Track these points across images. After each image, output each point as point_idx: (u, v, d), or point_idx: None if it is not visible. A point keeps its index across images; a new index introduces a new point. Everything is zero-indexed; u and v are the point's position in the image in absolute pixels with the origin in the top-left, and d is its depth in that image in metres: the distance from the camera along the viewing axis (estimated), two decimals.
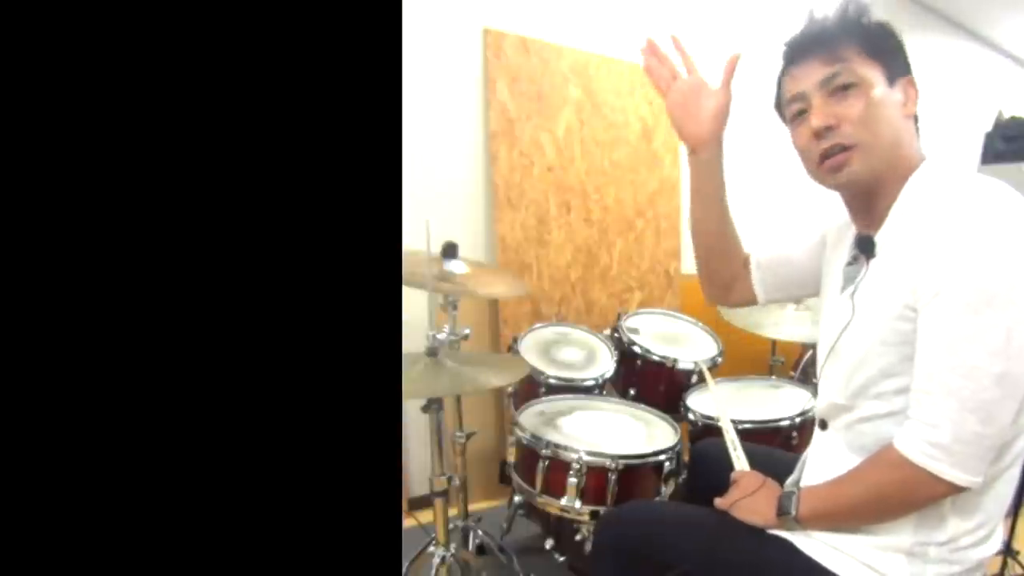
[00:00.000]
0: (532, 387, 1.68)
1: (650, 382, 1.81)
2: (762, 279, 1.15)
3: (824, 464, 0.94)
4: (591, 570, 1.15)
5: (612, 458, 1.27)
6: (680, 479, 1.38)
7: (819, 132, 0.86)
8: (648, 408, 1.57)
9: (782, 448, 1.42)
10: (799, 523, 0.91)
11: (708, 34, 2.84)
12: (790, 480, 1.03)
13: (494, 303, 2.27)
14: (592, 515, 1.29)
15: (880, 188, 0.87)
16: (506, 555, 1.67)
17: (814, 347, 1.11)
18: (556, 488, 1.31)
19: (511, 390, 1.78)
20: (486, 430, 2.22)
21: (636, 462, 1.30)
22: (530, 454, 1.35)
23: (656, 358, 1.80)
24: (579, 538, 1.33)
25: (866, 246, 0.89)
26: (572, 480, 1.28)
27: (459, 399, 1.70)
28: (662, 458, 1.33)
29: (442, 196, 2.15)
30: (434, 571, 1.36)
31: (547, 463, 1.31)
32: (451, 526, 1.53)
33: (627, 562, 0.99)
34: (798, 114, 0.91)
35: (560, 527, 1.43)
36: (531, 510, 1.52)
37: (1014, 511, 1.53)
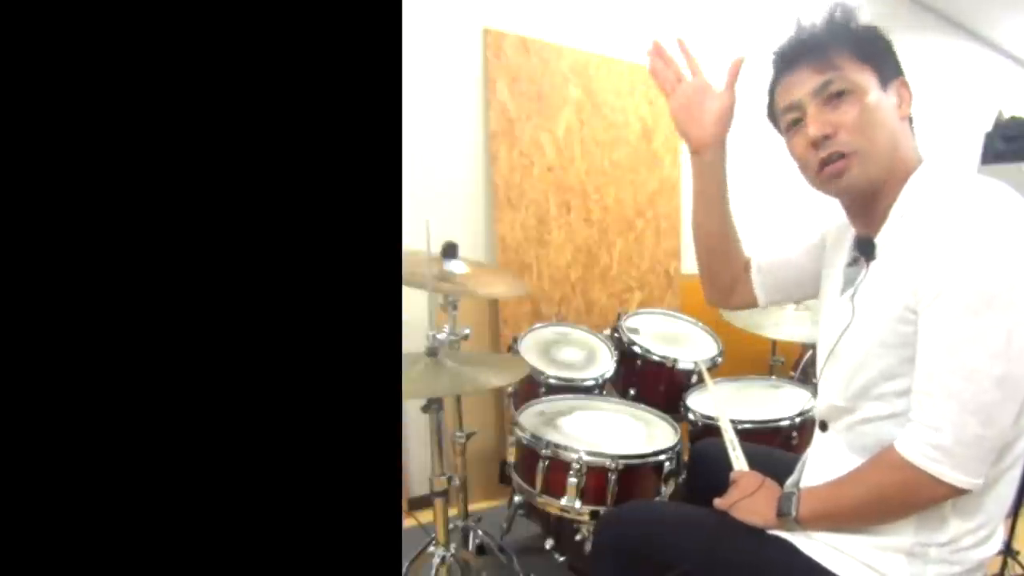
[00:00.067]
0: (532, 387, 1.68)
1: (650, 382, 1.81)
2: (763, 282, 1.15)
3: (824, 465, 0.94)
4: (591, 570, 1.15)
5: (612, 458, 1.27)
6: (680, 479, 1.38)
7: (816, 141, 0.86)
8: (648, 408, 1.57)
9: (782, 448, 1.42)
10: (799, 524, 0.91)
11: (709, 34, 2.84)
12: (790, 481, 1.03)
13: (494, 303, 2.27)
14: (592, 515, 1.29)
15: (879, 191, 0.87)
16: (506, 555, 1.67)
17: (814, 347, 1.11)
18: (556, 488, 1.31)
19: (511, 390, 1.78)
20: (486, 430, 2.22)
21: (636, 462, 1.30)
22: (530, 454, 1.35)
23: (656, 358, 1.80)
24: (579, 538, 1.33)
25: (866, 248, 0.89)
26: (572, 480, 1.28)
27: (459, 399, 1.69)
28: (662, 458, 1.33)
29: (442, 196, 2.15)
30: (434, 571, 1.36)
31: (547, 463, 1.31)
32: (451, 526, 1.53)
33: (627, 562, 0.99)
34: (793, 123, 0.90)
35: (560, 527, 1.43)
36: (531, 510, 1.52)
37: (1014, 511, 1.53)
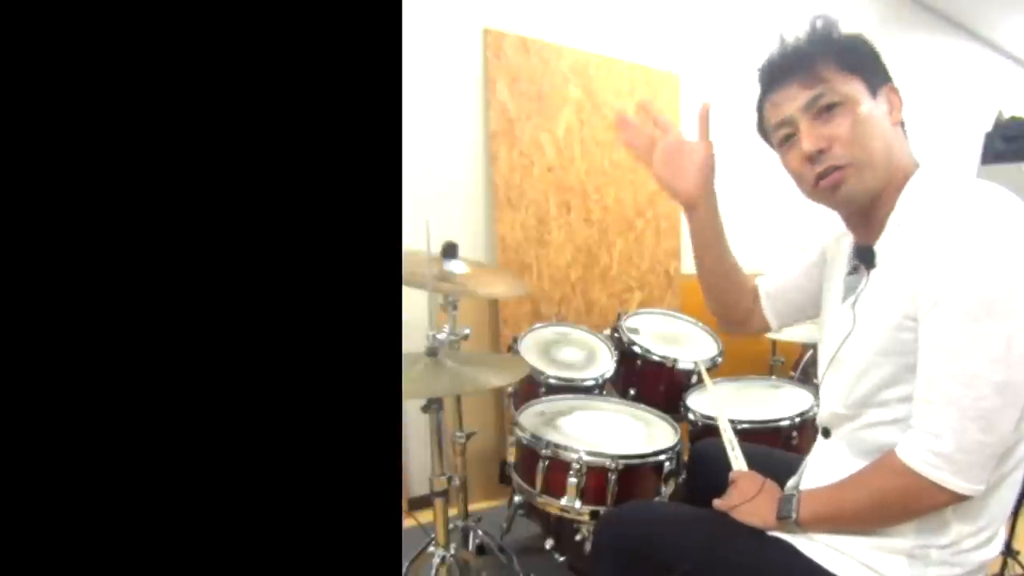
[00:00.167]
0: (532, 387, 1.68)
1: (650, 382, 1.81)
2: (773, 307, 1.16)
3: (826, 469, 0.94)
4: (591, 570, 1.15)
5: (612, 458, 1.27)
6: (680, 479, 1.38)
7: (811, 156, 0.85)
8: (648, 408, 1.57)
9: (782, 448, 1.42)
10: (799, 526, 0.90)
11: (709, 33, 2.84)
12: (790, 483, 1.02)
13: (494, 303, 2.27)
14: (592, 515, 1.29)
15: (877, 200, 0.87)
16: (506, 555, 1.67)
17: (814, 347, 1.11)
18: (556, 488, 1.31)
19: (511, 390, 1.78)
20: (486, 430, 2.22)
21: (636, 462, 1.30)
22: (530, 454, 1.35)
23: (656, 358, 1.80)
24: (579, 538, 1.33)
25: (866, 257, 0.89)
26: (572, 480, 1.28)
27: (459, 399, 1.69)
28: (662, 458, 1.33)
29: (442, 196, 2.15)
30: (434, 571, 1.35)
31: (547, 463, 1.31)
32: (451, 526, 1.53)
33: (627, 562, 0.99)
34: (786, 139, 0.90)
35: (560, 527, 1.43)
36: (531, 510, 1.52)
37: (1014, 511, 1.53)
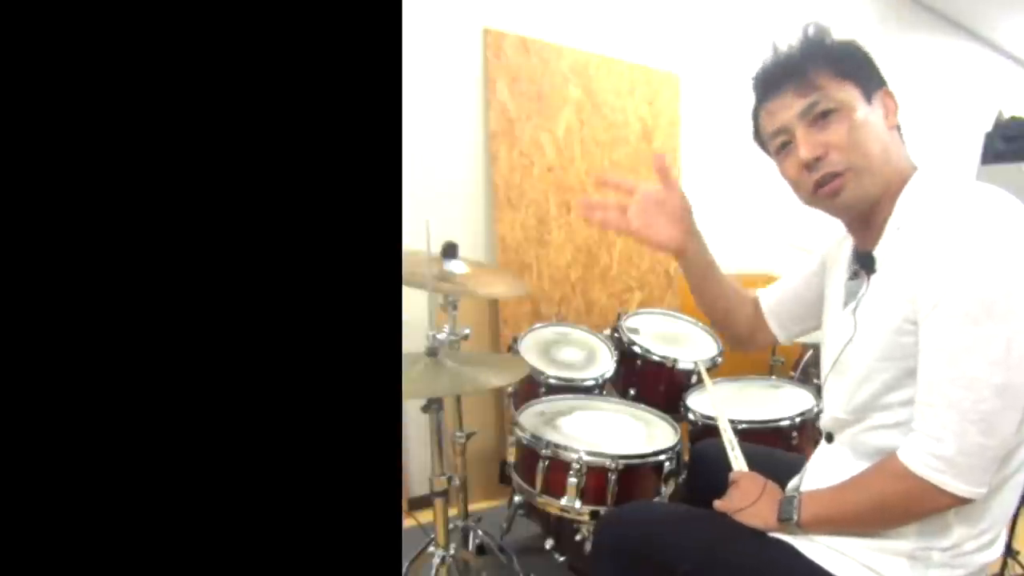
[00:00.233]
0: (532, 387, 1.68)
1: (650, 382, 1.81)
2: (777, 320, 1.17)
3: (827, 472, 0.94)
4: (591, 570, 1.15)
5: (612, 458, 1.27)
6: (680, 479, 1.38)
7: (809, 163, 0.86)
8: (648, 408, 1.57)
9: (782, 449, 1.42)
10: (800, 528, 0.90)
11: (709, 33, 2.84)
12: (791, 485, 1.02)
13: (494, 303, 2.27)
14: (592, 515, 1.29)
15: (876, 205, 0.87)
16: (506, 555, 1.67)
17: (814, 347, 1.11)
18: (556, 488, 1.31)
19: (511, 390, 1.78)
20: (486, 430, 2.22)
21: (636, 462, 1.30)
22: (530, 454, 1.35)
23: (656, 358, 1.80)
24: (579, 538, 1.33)
25: (866, 262, 0.89)
26: (572, 480, 1.28)
27: (459, 399, 1.69)
28: (662, 458, 1.33)
29: (442, 196, 2.15)
30: (434, 571, 1.35)
31: (547, 463, 1.31)
32: (451, 526, 1.53)
33: (627, 562, 0.99)
34: (782, 147, 0.90)
35: (560, 527, 1.42)
36: (531, 510, 1.51)
37: (1016, 513, 1.52)
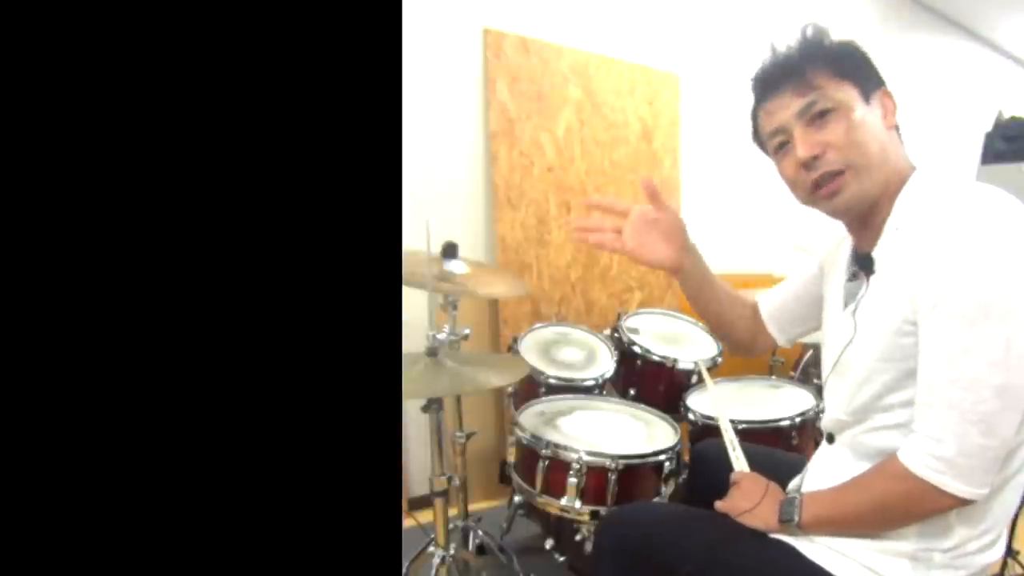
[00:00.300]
0: (532, 387, 1.67)
1: (650, 382, 1.81)
2: (777, 324, 1.17)
3: (828, 473, 0.94)
4: (591, 570, 1.15)
5: (612, 458, 1.27)
6: (680, 479, 1.38)
7: (807, 162, 0.86)
8: (648, 408, 1.57)
9: (783, 448, 1.42)
10: (801, 529, 0.90)
11: (709, 33, 2.84)
12: (792, 486, 1.02)
13: (494, 303, 2.27)
14: (592, 515, 1.29)
15: (875, 205, 0.86)
16: (506, 555, 1.67)
17: (814, 347, 1.12)
18: (556, 488, 1.31)
19: (511, 390, 1.78)
20: (486, 430, 2.22)
21: (636, 462, 1.30)
22: (530, 454, 1.35)
23: (656, 358, 1.80)
24: (579, 538, 1.33)
25: (865, 263, 0.89)
26: (572, 480, 1.28)
27: (459, 399, 1.69)
28: (662, 458, 1.33)
29: (442, 196, 2.15)
30: (434, 571, 1.35)
31: (547, 463, 1.31)
32: (451, 526, 1.53)
33: (628, 563, 0.99)
34: (780, 146, 0.90)
35: (560, 527, 1.42)
36: (531, 510, 1.51)
37: (1017, 514, 1.52)
